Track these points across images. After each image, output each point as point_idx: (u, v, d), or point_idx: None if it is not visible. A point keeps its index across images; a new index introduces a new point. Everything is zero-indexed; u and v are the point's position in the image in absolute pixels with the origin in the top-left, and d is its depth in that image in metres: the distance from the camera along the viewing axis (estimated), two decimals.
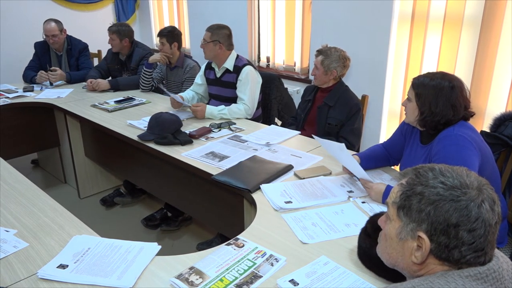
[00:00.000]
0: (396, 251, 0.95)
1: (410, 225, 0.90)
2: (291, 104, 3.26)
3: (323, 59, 2.52)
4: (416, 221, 0.89)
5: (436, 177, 0.89)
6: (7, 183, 1.94)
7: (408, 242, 0.91)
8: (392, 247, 0.96)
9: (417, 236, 0.89)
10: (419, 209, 0.88)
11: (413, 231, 0.90)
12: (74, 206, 2.60)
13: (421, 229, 0.88)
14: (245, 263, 1.34)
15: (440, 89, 1.64)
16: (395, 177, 1.91)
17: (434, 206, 0.86)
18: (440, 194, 0.86)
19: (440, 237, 0.86)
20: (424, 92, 1.66)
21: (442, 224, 0.85)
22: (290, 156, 2.16)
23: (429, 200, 0.87)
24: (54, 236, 1.53)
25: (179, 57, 3.32)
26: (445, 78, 1.66)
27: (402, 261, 0.95)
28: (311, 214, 1.62)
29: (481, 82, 2.75)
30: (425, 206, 0.87)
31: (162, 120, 2.40)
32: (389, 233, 0.96)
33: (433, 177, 0.89)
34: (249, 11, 4.17)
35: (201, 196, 2.27)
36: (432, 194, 0.87)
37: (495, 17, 2.60)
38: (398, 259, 0.96)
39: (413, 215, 0.89)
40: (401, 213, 0.92)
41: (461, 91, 1.65)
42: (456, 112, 1.65)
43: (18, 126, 3.32)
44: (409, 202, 0.90)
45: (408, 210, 0.90)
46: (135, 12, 5.53)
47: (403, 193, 0.92)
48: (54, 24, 3.65)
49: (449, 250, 0.86)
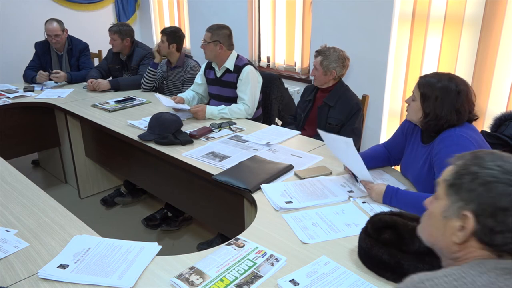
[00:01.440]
0: (438, 230, 0.94)
1: (458, 203, 0.89)
2: (291, 104, 3.26)
3: (322, 59, 2.52)
4: (464, 199, 0.87)
5: (494, 160, 0.87)
6: (7, 183, 1.94)
7: (452, 221, 0.90)
8: (434, 226, 0.95)
9: (462, 215, 0.87)
10: (470, 188, 0.87)
11: (459, 209, 0.88)
12: (74, 206, 2.60)
13: (468, 209, 0.87)
14: (245, 263, 1.34)
15: (447, 92, 1.62)
16: (396, 177, 1.91)
17: (487, 187, 0.85)
18: (495, 176, 0.85)
19: (486, 219, 0.84)
20: (430, 93, 1.64)
21: (491, 206, 0.84)
22: (290, 156, 2.16)
23: (482, 181, 0.85)
24: (55, 236, 1.53)
25: (180, 57, 3.32)
26: (452, 81, 1.63)
27: (442, 240, 0.93)
28: (312, 214, 1.62)
29: (481, 82, 2.74)
30: (477, 186, 0.86)
31: (163, 120, 2.40)
32: (434, 212, 0.95)
33: (491, 159, 0.88)
34: (249, 11, 4.17)
35: (202, 196, 2.27)
36: (486, 175, 0.85)
37: (495, 17, 2.60)
38: (438, 238, 0.94)
39: (462, 194, 0.88)
40: (450, 191, 0.90)
41: (466, 96, 1.63)
42: (461, 117, 1.63)
43: (19, 126, 3.32)
44: (460, 180, 0.89)
45: (458, 188, 0.89)
46: (135, 12, 5.53)
47: (456, 172, 0.90)
48: (56, 24, 3.66)
49: (493, 234, 0.84)
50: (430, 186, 1.64)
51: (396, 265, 1.23)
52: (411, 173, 1.85)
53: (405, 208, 1.59)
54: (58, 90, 3.54)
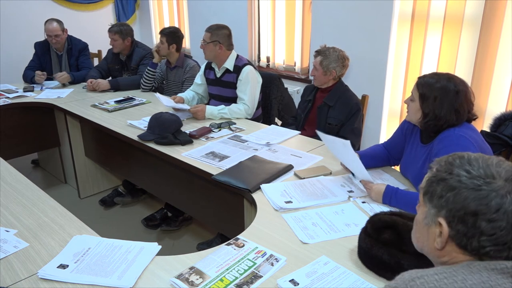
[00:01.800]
0: (422, 236, 0.96)
1: (432, 210, 0.91)
2: (291, 104, 3.26)
3: (321, 59, 2.52)
4: (437, 206, 0.89)
5: (462, 165, 0.88)
6: (7, 183, 1.94)
7: (432, 228, 0.92)
8: (419, 232, 0.97)
9: (437, 222, 0.89)
10: (440, 195, 0.89)
11: (434, 216, 0.90)
12: (74, 206, 2.60)
13: (441, 215, 0.88)
14: (245, 263, 1.34)
15: (445, 92, 1.62)
16: (395, 177, 1.91)
17: (454, 193, 0.86)
18: (461, 182, 0.86)
19: (458, 225, 0.86)
20: (429, 93, 1.64)
21: (460, 211, 0.85)
22: (290, 156, 2.16)
23: (450, 187, 0.87)
24: (55, 236, 1.53)
25: (179, 57, 3.32)
26: (451, 81, 1.63)
27: (427, 246, 0.95)
28: (311, 214, 1.62)
29: (481, 82, 2.74)
30: (446, 192, 0.88)
31: (162, 120, 2.40)
32: (417, 218, 0.97)
33: (459, 164, 0.89)
34: (249, 11, 4.17)
35: (201, 196, 2.27)
36: (454, 181, 0.87)
37: (495, 17, 2.60)
38: (424, 244, 0.96)
39: (434, 201, 0.90)
40: (425, 199, 0.93)
41: (465, 96, 1.63)
42: (460, 117, 1.64)
43: (18, 126, 3.32)
44: (432, 188, 0.91)
45: (431, 195, 0.91)
46: (135, 12, 5.53)
47: (429, 179, 0.93)
48: (56, 24, 3.66)
49: (467, 239, 0.85)
50: None
51: (396, 265, 1.23)
52: (410, 173, 1.85)
53: (404, 208, 1.59)
54: (57, 90, 3.54)
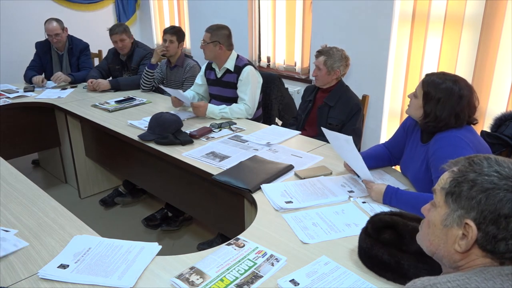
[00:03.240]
0: (439, 238, 0.92)
1: (458, 211, 0.87)
2: (291, 104, 3.26)
3: (325, 59, 2.51)
4: (465, 208, 0.86)
5: (491, 166, 0.86)
6: (7, 183, 1.94)
7: (453, 230, 0.89)
8: (435, 234, 0.93)
9: (464, 223, 0.86)
10: (469, 196, 0.86)
11: (460, 218, 0.87)
12: (74, 206, 2.60)
13: (469, 217, 0.85)
14: (245, 263, 1.34)
15: (449, 95, 1.61)
16: (396, 177, 1.91)
17: (487, 194, 0.84)
18: (494, 183, 0.84)
19: (488, 227, 0.83)
20: (433, 93, 1.64)
21: (493, 214, 0.83)
22: (290, 156, 2.16)
23: (481, 188, 0.84)
24: (55, 236, 1.53)
25: (179, 57, 3.32)
26: (457, 84, 1.62)
27: (444, 249, 0.92)
28: (312, 214, 1.62)
29: (481, 82, 2.74)
30: (477, 194, 0.85)
31: (163, 120, 2.40)
32: (433, 220, 0.94)
33: (488, 165, 0.87)
34: (249, 11, 4.17)
35: (202, 196, 2.27)
36: (485, 182, 0.84)
37: (495, 17, 2.60)
38: (440, 247, 0.93)
39: (462, 202, 0.87)
40: (449, 199, 0.89)
41: (468, 101, 1.62)
42: (459, 121, 1.63)
43: (19, 126, 3.32)
44: (459, 189, 0.88)
45: (457, 196, 0.88)
46: (135, 12, 5.53)
47: (454, 179, 0.89)
48: (56, 23, 3.66)
49: (496, 242, 0.83)
50: (428, 186, 1.65)
51: (396, 265, 1.23)
52: (410, 172, 1.86)
53: (405, 208, 1.59)
54: (58, 90, 3.54)
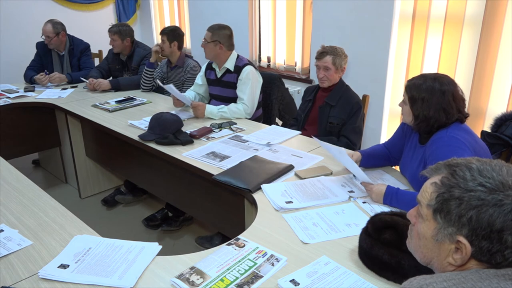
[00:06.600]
0: (432, 252, 0.91)
1: (449, 229, 0.86)
2: (292, 104, 3.26)
3: (334, 58, 2.53)
4: (455, 225, 0.84)
5: (475, 179, 0.84)
6: (8, 183, 1.94)
7: (445, 245, 0.88)
8: (427, 248, 0.92)
9: (457, 240, 0.85)
10: (459, 214, 0.83)
11: (452, 235, 0.85)
12: (75, 206, 2.60)
13: (461, 234, 0.84)
14: (246, 263, 1.34)
15: (431, 93, 1.64)
16: (396, 177, 1.91)
17: (476, 211, 0.82)
18: (481, 199, 0.82)
19: (481, 242, 0.82)
20: (417, 95, 1.67)
21: (485, 230, 0.81)
22: (291, 156, 2.16)
23: (470, 206, 0.82)
24: (55, 236, 1.53)
25: (180, 57, 3.32)
26: (437, 80, 1.65)
27: (437, 262, 0.91)
28: (312, 214, 1.62)
29: (482, 82, 2.74)
30: (466, 211, 0.83)
31: (163, 120, 2.40)
32: (423, 233, 0.92)
33: (472, 178, 0.84)
34: (250, 11, 4.17)
35: (202, 196, 2.27)
36: (472, 199, 0.82)
37: (496, 17, 2.60)
38: (433, 259, 0.92)
39: (452, 220, 0.85)
40: (437, 216, 0.87)
41: (452, 95, 1.64)
42: (449, 116, 1.65)
43: (19, 126, 3.32)
44: (447, 206, 0.85)
45: (446, 214, 0.86)
46: (136, 12, 5.54)
47: (439, 196, 0.87)
48: (49, 26, 3.66)
49: (490, 254, 0.82)
50: None
51: (397, 265, 1.23)
52: (408, 172, 1.86)
53: (405, 208, 1.59)
54: (58, 90, 3.54)
